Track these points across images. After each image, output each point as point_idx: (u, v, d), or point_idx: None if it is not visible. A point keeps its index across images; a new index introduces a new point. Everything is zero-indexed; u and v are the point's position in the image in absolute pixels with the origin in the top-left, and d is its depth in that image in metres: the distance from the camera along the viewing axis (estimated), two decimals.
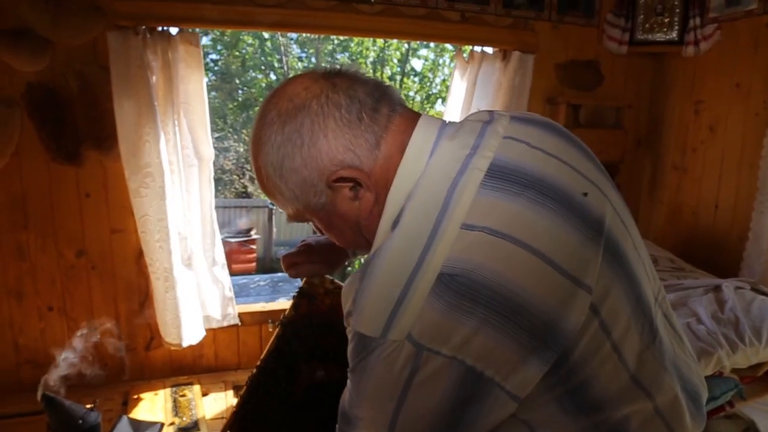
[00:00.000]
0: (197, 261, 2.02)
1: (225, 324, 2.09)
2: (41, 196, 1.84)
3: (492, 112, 0.79)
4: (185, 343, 1.96)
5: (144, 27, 1.75)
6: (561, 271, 0.68)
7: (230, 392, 1.95)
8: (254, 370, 1.30)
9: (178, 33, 1.82)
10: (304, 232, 9.53)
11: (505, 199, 0.69)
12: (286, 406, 1.31)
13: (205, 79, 1.93)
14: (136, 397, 1.90)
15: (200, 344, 2.08)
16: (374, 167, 0.75)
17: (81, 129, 1.82)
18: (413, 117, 0.77)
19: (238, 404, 1.31)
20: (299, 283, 1.40)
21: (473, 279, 0.65)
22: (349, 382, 0.74)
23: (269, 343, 1.32)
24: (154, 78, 1.80)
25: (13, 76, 1.72)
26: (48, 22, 1.67)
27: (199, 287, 2.04)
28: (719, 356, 1.46)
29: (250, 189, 10.25)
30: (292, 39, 7.92)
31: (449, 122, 0.78)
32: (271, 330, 2.15)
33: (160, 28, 1.79)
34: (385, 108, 0.75)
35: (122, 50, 1.73)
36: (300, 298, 1.31)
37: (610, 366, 0.73)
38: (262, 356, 1.31)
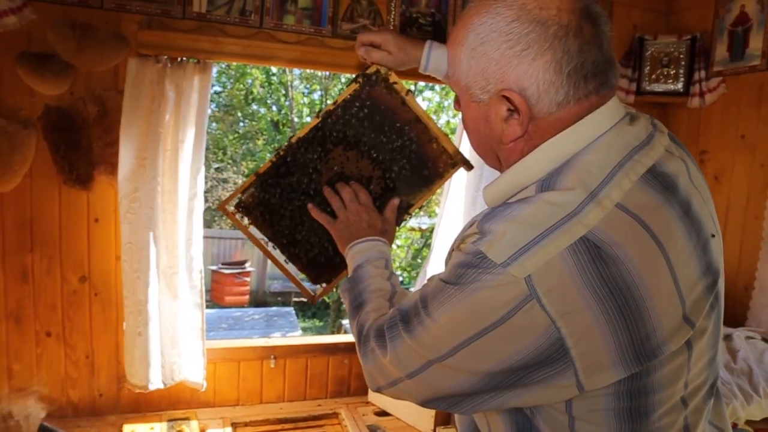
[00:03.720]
0: (179, 301, 1.95)
1: (190, 379, 1.96)
2: (50, 218, 1.82)
3: (654, 122, 0.81)
4: (152, 387, 1.86)
5: (166, 57, 1.78)
6: (681, 297, 0.70)
7: (228, 429, 1.90)
8: (293, 139, 1.30)
9: (194, 62, 1.83)
10: None
11: (660, 201, 0.72)
12: (308, 186, 1.29)
13: (207, 110, 1.93)
14: (130, 430, 1.84)
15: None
16: (543, 118, 0.76)
17: (96, 153, 1.81)
18: (605, 100, 0.77)
19: (268, 164, 1.30)
20: (294, 319, 1.40)
21: (614, 258, 0.66)
22: (436, 285, 0.76)
23: (313, 119, 1.32)
24: (168, 106, 1.81)
25: (32, 97, 1.72)
26: (72, 49, 1.68)
27: (177, 330, 1.94)
28: (734, 407, 1.44)
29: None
30: (296, 74, 8.04)
31: (629, 113, 0.80)
32: (272, 366, 2.11)
33: (179, 59, 1.81)
34: (593, 85, 0.75)
35: (139, 77, 1.75)
36: (362, 80, 1.29)
37: (675, 402, 0.74)
38: (305, 129, 1.31)
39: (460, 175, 2.24)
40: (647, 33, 2.38)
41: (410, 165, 1.30)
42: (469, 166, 1.31)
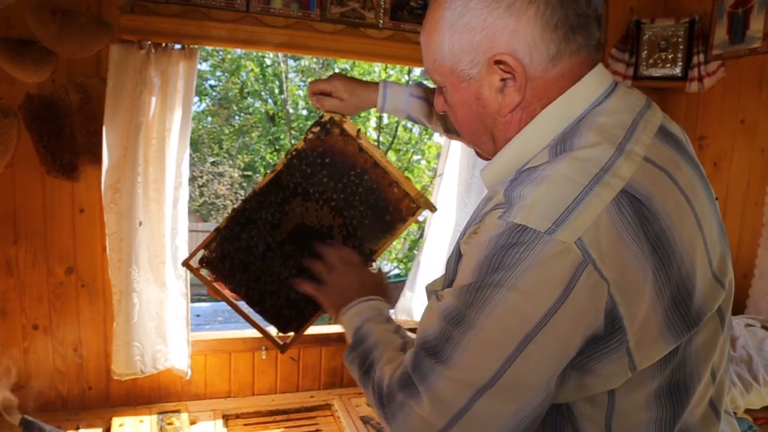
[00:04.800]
0: (168, 290, 1.92)
1: (176, 366, 1.94)
2: (34, 209, 1.78)
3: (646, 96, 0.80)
4: (130, 375, 1.85)
5: (149, 42, 1.73)
6: (708, 255, 0.68)
7: (219, 421, 1.87)
8: (252, 193, 1.29)
9: (179, 48, 1.79)
10: None
11: (677, 158, 0.70)
12: (269, 237, 1.29)
13: (203, 104, 1.90)
14: (120, 424, 1.81)
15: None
16: (539, 77, 0.72)
17: (79, 142, 1.77)
18: (594, 62, 0.75)
19: (226, 220, 1.29)
20: None
21: (654, 212, 0.63)
22: (464, 292, 0.64)
23: (272, 170, 1.31)
24: (154, 94, 1.77)
25: (12, 85, 1.68)
26: (53, 35, 1.64)
27: (164, 318, 1.92)
28: (733, 395, 1.41)
29: None
30: (292, 66, 7.98)
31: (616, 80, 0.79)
32: (264, 357, 2.07)
33: (164, 44, 1.77)
34: (581, 37, 0.72)
35: (122, 63, 1.71)
36: (317, 129, 1.29)
37: (707, 376, 0.71)
38: (263, 181, 1.29)
39: (454, 163, 2.20)
40: (644, 16, 2.33)
41: (371, 211, 1.29)
42: (433, 209, 1.29)
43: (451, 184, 2.20)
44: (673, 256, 0.62)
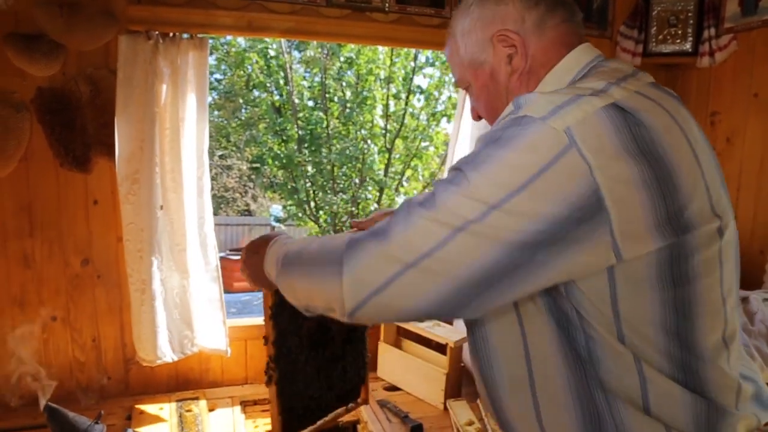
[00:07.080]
0: (190, 277, 1.95)
1: (211, 347, 1.98)
2: (48, 202, 1.80)
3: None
4: (159, 361, 1.88)
5: (157, 32, 1.73)
6: (706, 186, 0.74)
7: (237, 408, 1.89)
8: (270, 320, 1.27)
9: (187, 38, 1.79)
10: None
11: (673, 102, 0.78)
12: (303, 350, 1.31)
13: (209, 98, 1.91)
14: (140, 411, 1.84)
15: (207, 358, 2.02)
16: (534, 43, 0.88)
17: (91, 134, 1.78)
18: (583, 37, 0.90)
19: (272, 355, 1.30)
20: None
21: (643, 121, 0.70)
22: (465, 164, 0.73)
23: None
24: (164, 85, 1.78)
25: (24, 79, 1.69)
26: (61, 28, 1.65)
27: (188, 305, 1.95)
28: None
29: (253, 207, 10.21)
30: (296, 57, 7.96)
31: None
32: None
33: (172, 34, 1.77)
34: (562, 12, 0.88)
35: (131, 54, 1.71)
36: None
37: (716, 300, 0.76)
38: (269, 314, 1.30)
39: (463, 149, 2.18)
40: None
41: None
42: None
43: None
44: (662, 164, 0.69)
